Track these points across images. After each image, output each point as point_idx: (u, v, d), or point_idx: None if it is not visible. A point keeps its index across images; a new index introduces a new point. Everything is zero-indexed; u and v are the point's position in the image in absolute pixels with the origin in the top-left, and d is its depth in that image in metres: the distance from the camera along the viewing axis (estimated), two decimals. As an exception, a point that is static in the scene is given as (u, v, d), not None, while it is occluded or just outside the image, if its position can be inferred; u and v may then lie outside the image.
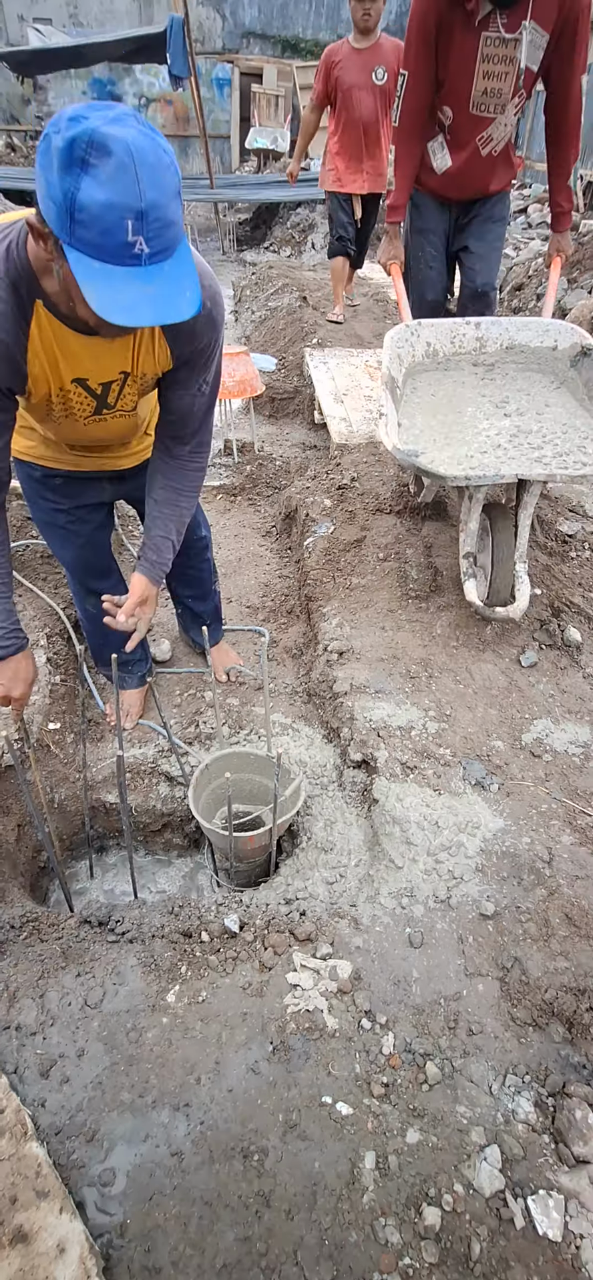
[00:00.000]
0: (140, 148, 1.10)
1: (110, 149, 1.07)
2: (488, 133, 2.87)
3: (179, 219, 1.19)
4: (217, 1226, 1.23)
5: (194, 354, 1.60)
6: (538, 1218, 1.31)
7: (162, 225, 1.14)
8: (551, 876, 1.88)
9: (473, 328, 2.90)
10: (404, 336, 2.83)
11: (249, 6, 15.76)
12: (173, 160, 1.17)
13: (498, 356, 2.92)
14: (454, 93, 2.81)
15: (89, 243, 1.12)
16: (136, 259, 1.14)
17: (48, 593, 2.77)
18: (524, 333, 2.91)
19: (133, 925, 1.71)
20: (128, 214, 1.10)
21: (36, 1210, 1.13)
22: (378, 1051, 1.52)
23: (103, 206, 1.09)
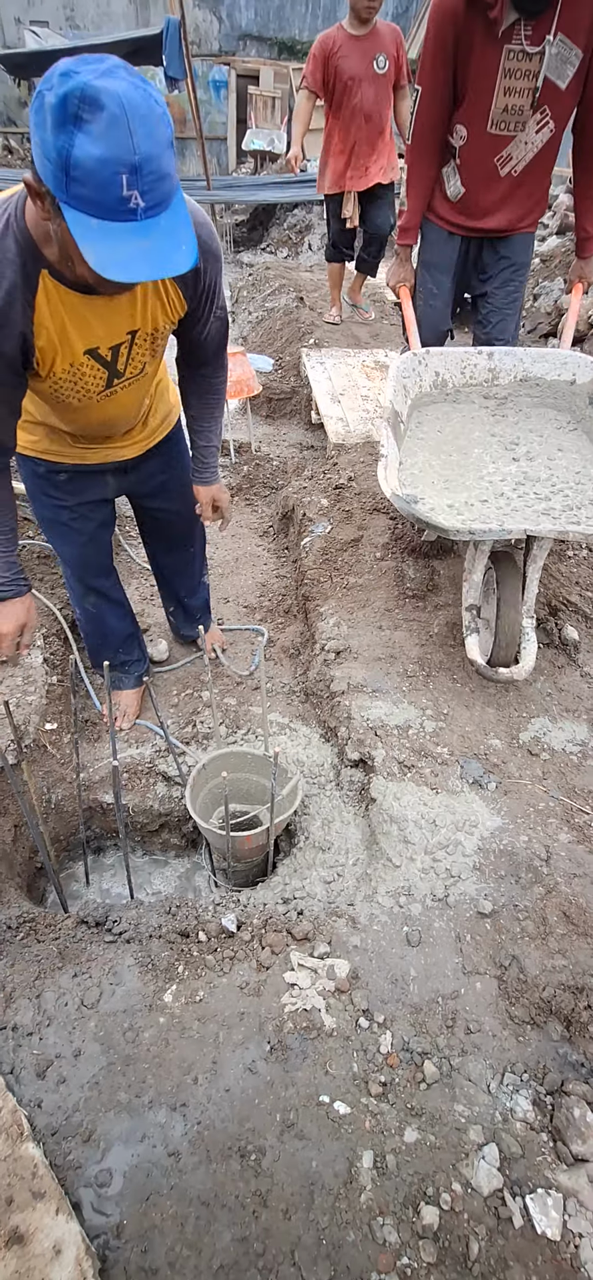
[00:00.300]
0: (132, 100, 1.10)
1: (103, 103, 1.07)
2: (507, 151, 2.61)
3: (173, 171, 1.19)
4: (214, 1227, 1.22)
5: (205, 290, 1.67)
6: (537, 1216, 1.31)
7: (156, 178, 1.14)
8: (548, 875, 1.88)
9: (485, 358, 2.71)
10: (411, 366, 2.65)
11: (245, 9, 15.76)
12: (165, 110, 1.16)
13: (511, 389, 2.72)
14: (472, 110, 2.57)
15: (85, 199, 1.12)
16: (132, 214, 1.14)
17: (44, 593, 2.76)
18: (541, 364, 2.70)
19: (130, 925, 1.71)
20: (122, 168, 1.10)
21: (33, 1211, 1.12)
22: (376, 1050, 1.51)
23: (98, 162, 1.09)
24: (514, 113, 2.52)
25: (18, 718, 2.20)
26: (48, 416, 1.84)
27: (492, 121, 2.55)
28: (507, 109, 2.52)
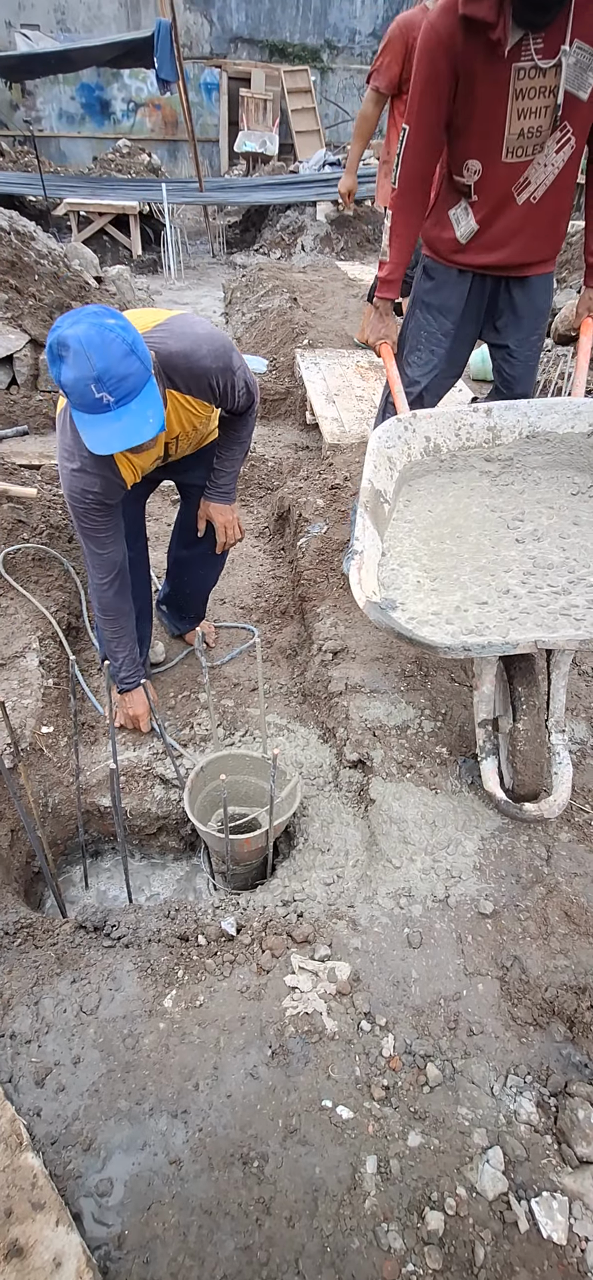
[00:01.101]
0: (89, 337, 1.55)
1: (68, 345, 1.56)
2: (525, 176, 2.31)
3: (134, 371, 1.60)
4: (216, 1235, 1.20)
5: (222, 391, 2.03)
6: (542, 1220, 1.29)
7: (116, 380, 1.58)
8: (549, 874, 1.87)
9: (483, 415, 2.31)
10: (396, 434, 2.26)
11: (236, 11, 15.75)
12: (119, 334, 1.58)
13: (516, 449, 2.31)
14: (482, 142, 2.28)
15: (77, 404, 1.64)
16: (107, 407, 1.61)
17: (39, 596, 2.74)
18: (549, 417, 2.27)
19: (128, 930, 1.69)
20: (89, 380, 1.57)
21: (32, 1223, 1.10)
22: (378, 1054, 1.50)
23: (73, 381, 1.59)
24: (532, 135, 2.23)
25: (14, 721, 2.18)
26: None
27: (507, 150, 2.27)
28: (523, 133, 2.23)
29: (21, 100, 15.51)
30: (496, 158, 2.29)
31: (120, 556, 2.13)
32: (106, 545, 2.08)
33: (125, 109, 16.07)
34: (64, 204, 9.58)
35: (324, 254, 9.52)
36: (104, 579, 2.13)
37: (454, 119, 2.28)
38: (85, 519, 2.01)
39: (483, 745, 2.00)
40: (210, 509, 2.37)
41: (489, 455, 2.34)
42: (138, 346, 1.63)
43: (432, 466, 2.34)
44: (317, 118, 13.94)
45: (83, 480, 1.93)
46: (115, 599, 2.17)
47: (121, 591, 2.17)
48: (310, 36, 15.73)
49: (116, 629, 2.22)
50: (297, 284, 6.96)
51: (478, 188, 2.37)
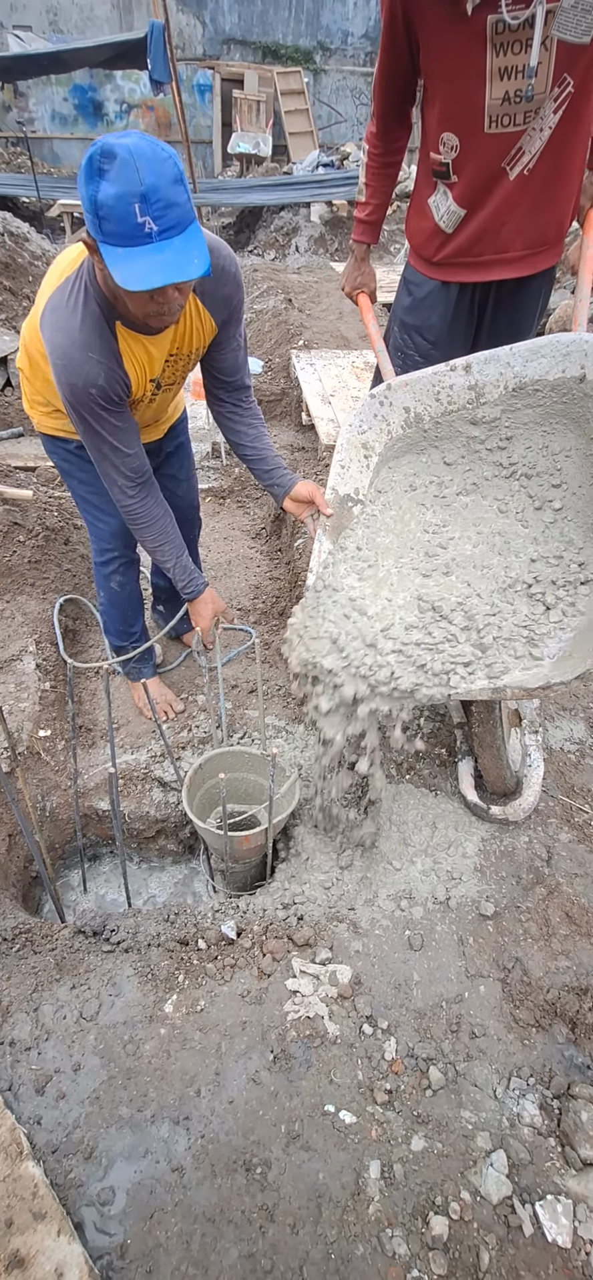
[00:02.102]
0: (139, 148, 1.37)
1: (115, 153, 1.35)
2: (518, 147, 1.92)
3: (182, 201, 1.42)
4: (220, 1243, 1.19)
5: (230, 313, 1.89)
6: (547, 1224, 1.29)
7: (164, 205, 1.39)
8: (550, 875, 1.86)
9: (462, 373, 1.93)
10: (371, 413, 1.98)
11: (229, 13, 15.74)
12: (171, 155, 1.41)
13: (503, 404, 1.94)
14: (457, 110, 1.93)
15: (111, 233, 1.40)
16: (148, 237, 1.40)
17: (36, 597, 2.73)
18: (536, 363, 1.87)
19: (128, 934, 1.67)
20: (134, 198, 1.36)
21: (33, 1233, 1.09)
22: (380, 1057, 1.49)
23: (115, 198, 1.37)
24: (519, 100, 1.85)
25: (11, 724, 2.16)
26: None
27: (489, 119, 1.89)
28: (507, 98, 1.85)
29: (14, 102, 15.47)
30: (477, 128, 1.92)
31: (140, 460, 1.90)
32: (123, 446, 1.84)
33: (118, 110, 16.04)
34: (58, 205, 9.56)
35: (318, 255, 9.53)
36: (130, 486, 1.91)
37: (426, 83, 1.97)
38: (93, 418, 1.77)
39: (460, 746, 2.07)
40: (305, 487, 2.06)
41: (474, 417, 1.98)
42: (185, 181, 1.45)
43: (416, 439, 2.03)
44: (310, 119, 13.95)
45: (85, 371, 1.68)
46: (147, 504, 1.95)
47: (152, 494, 1.96)
48: (303, 38, 15.73)
49: (157, 536, 2.01)
50: (291, 285, 6.96)
51: (458, 166, 2.01)
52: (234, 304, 1.89)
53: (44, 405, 2.07)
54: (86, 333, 1.65)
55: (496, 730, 1.86)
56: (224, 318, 1.89)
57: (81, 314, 1.65)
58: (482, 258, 2.14)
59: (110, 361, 1.71)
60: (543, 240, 2.11)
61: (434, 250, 2.20)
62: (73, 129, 15.92)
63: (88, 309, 1.65)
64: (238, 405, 2.10)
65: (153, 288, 1.43)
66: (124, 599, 2.40)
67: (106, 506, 2.17)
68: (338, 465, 1.96)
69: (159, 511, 1.99)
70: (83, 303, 1.65)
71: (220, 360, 2.00)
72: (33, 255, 6.34)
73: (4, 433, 4.28)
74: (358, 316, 6.19)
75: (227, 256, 1.81)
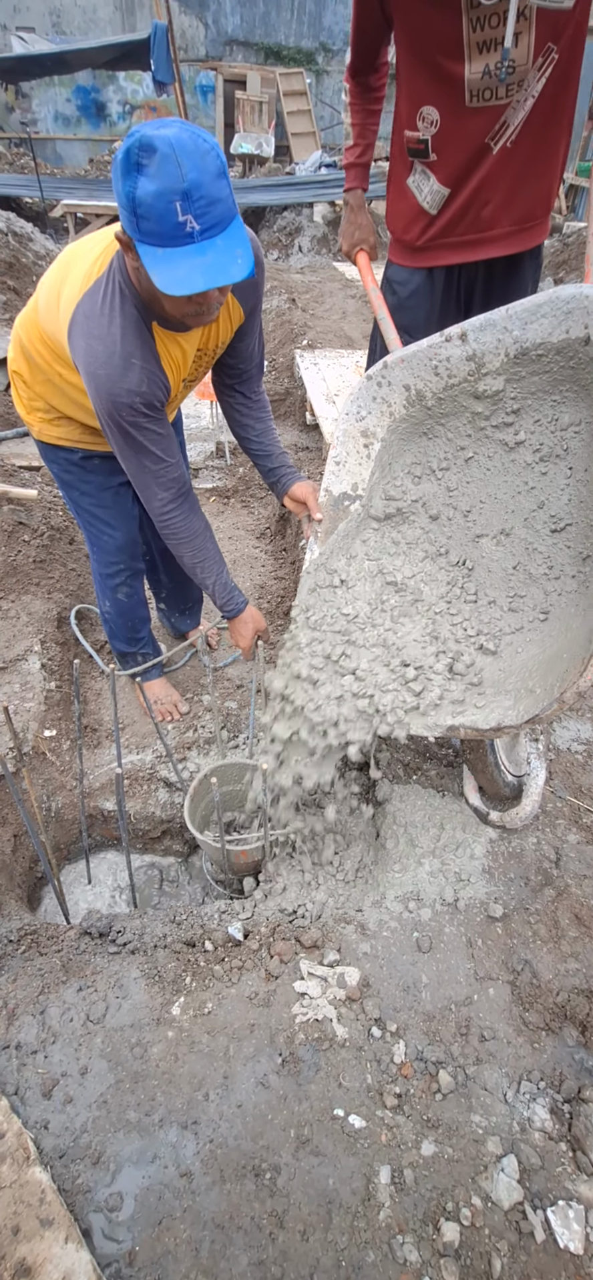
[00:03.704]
0: (181, 140, 1.28)
1: (155, 147, 1.27)
2: (504, 119, 1.83)
3: (225, 197, 1.35)
4: (229, 1250, 1.18)
5: (257, 300, 1.85)
6: (558, 1230, 1.27)
7: (207, 203, 1.31)
8: (559, 876, 1.85)
9: (458, 344, 1.73)
10: (369, 395, 1.83)
11: (231, 14, 15.77)
12: (214, 147, 1.33)
13: (507, 372, 1.72)
14: (438, 86, 1.83)
15: (151, 232, 1.32)
16: (190, 237, 1.33)
17: (41, 597, 2.72)
18: (536, 325, 1.64)
19: (134, 935, 1.66)
20: (175, 196, 1.28)
21: (41, 1240, 1.07)
22: (389, 1061, 1.48)
23: (154, 195, 1.29)
24: (500, 73, 1.77)
25: (16, 724, 2.15)
26: (77, 413, 1.93)
27: (470, 94, 1.80)
28: (489, 72, 1.76)
29: (17, 103, 15.50)
30: (457, 102, 1.82)
31: (181, 470, 1.83)
32: (165, 455, 1.76)
33: (121, 111, 16.07)
34: (61, 205, 9.56)
35: (321, 255, 9.52)
36: (171, 500, 1.82)
37: (401, 56, 1.89)
38: (136, 430, 1.68)
39: (462, 749, 2.01)
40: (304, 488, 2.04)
41: (477, 390, 1.76)
42: (227, 173, 1.37)
43: (420, 418, 1.85)
44: (312, 120, 13.96)
45: (129, 379, 1.59)
46: (189, 520, 1.87)
47: (192, 508, 1.88)
48: (305, 39, 15.74)
49: (198, 552, 1.91)
50: (295, 285, 6.95)
51: (438, 143, 1.91)
52: (260, 289, 1.84)
53: (45, 411, 1.97)
54: (128, 341, 1.58)
55: (486, 756, 1.83)
56: (251, 304, 1.84)
57: (120, 320, 1.57)
58: (466, 237, 2.05)
59: (152, 366, 1.64)
60: (530, 215, 2.03)
61: (418, 234, 2.10)
62: (75, 130, 15.95)
63: (126, 314, 1.57)
64: (247, 396, 2.05)
65: (194, 292, 1.36)
66: (130, 608, 2.36)
67: (113, 520, 2.11)
68: (332, 461, 1.83)
69: (199, 525, 1.90)
70: (120, 307, 1.57)
71: (240, 349, 1.93)
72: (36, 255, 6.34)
73: (8, 432, 4.27)
74: (362, 316, 6.18)
75: (253, 240, 1.72)
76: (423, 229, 2.09)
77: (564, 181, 10.75)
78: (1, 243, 6.13)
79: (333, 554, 1.84)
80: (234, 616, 2.02)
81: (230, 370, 1.99)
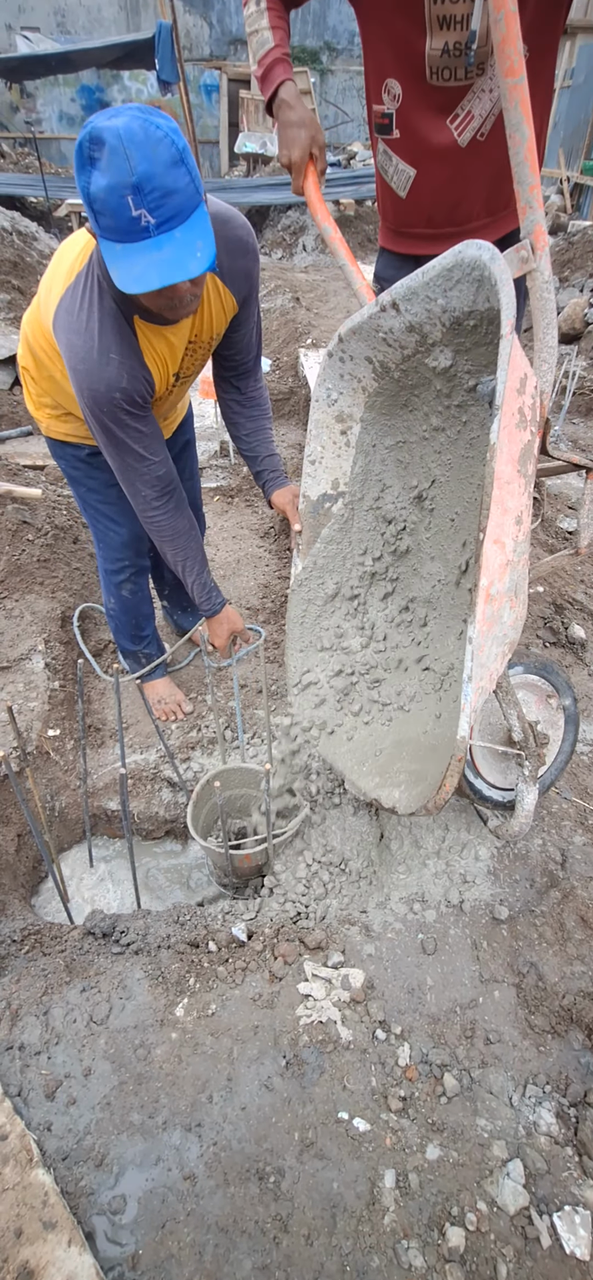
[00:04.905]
0: (130, 130, 1.22)
1: (104, 139, 1.22)
2: (465, 106, 1.73)
3: (182, 186, 1.28)
4: (233, 1255, 1.17)
5: (250, 288, 1.78)
6: (564, 1235, 1.26)
7: (161, 194, 1.26)
8: (564, 878, 1.84)
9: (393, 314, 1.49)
10: (337, 373, 1.64)
11: (236, 14, 15.76)
12: (168, 134, 1.26)
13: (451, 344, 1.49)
14: (399, 57, 1.73)
15: (108, 228, 1.29)
16: (145, 232, 1.28)
17: (45, 596, 2.71)
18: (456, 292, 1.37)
19: (138, 936, 1.65)
20: (125, 190, 1.24)
21: (43, 1243, 1.07)
22: (394, 1063, 1.47)
23: (106, 191, 1.24)
24: (461, 53, 1.67)
25: (20, 724, 2.15)
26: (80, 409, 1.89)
27: (430, 69, 1.70)
28: (448, 50, 1.66)
29: (22, 102, 15.52)
30: (418, 75, 1.72)
31: (167, 468, 1.80)
32: (149, 453, 1.73)
33: (125, 111, 16.07)
34: (65, 205, 9.57)
35: (325, 254, 9.50)
36: (157, 498, 1.80)
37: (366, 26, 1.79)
38: (117, 426, 1.65)
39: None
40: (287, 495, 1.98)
41: (429, 364, 1.56)
42: (188, 159, 1.29)
43: (393, 392, 1.66)
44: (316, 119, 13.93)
45: (107, 374, 1.56)
46: (171, 518, 1.85)
47: (177, 506, 1.85)
48: (309, 39, 15.73)
49: (181, 550, 1.91)
50: (299, 284, 6.94)
51: (400, 119, 1.81)
52: (253, 278, 1.77)
53: (52, 408, 1.97)
54: (106, 334, 1.54)
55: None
56: (244, 294, 1.78)
57: (98, 315, 1.54)
58: (441, 229, 1.96)
59: (132, 361, 1.59)
60: (506, 205, 1.93)
61: (395, 219, 2.03)
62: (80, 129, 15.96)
63: (104, 308, 1.54)
64: (241, 391, 2.02)
65: (150, 290, 1.31)
66: (135, 605, 2.36)
67: (118, 516, 2.11)
68: (308, 462, 1.70)
69: (185, 524, 1.90)
70: (98, 302, 1.54)
71: (235, 340, 1.88)
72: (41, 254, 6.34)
73: (13, 431, 4.27)
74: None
75: (242, 226, 1.69)
76: (397, 214, 2.01)
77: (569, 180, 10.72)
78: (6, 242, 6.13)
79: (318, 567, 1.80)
80: (212, 616, 2.04)
81: (225, 363, 1.96)
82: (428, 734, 1.65)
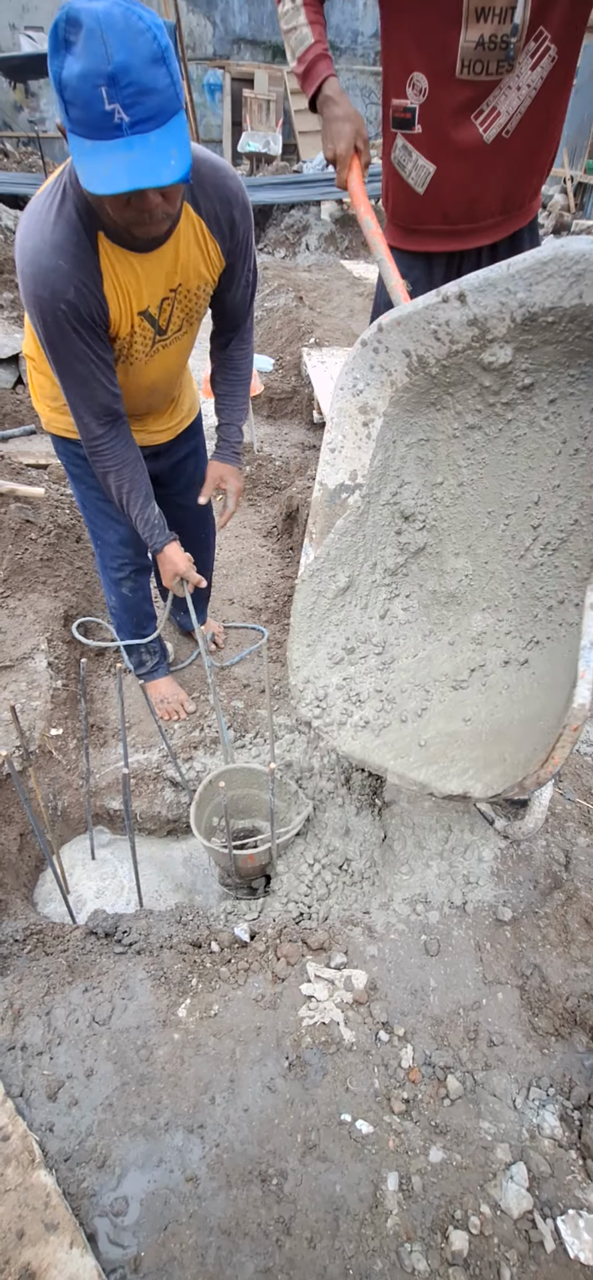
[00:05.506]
0: (110, 16, 1.14)
1: (81, 21, 1.14)
2: (491, 103, 1.73)
3: (162, 87, 1.19)
4: (235, 1257, 1.16)
5: (240, 243, 1.70)
6: (568, 1239, 1.25)
7: (136, 91, 1.17)
8: (568, 880, 1.83)
9: (457, 305, 1.48)
10: (365, 364, 1.62)
11: (239, 13, 15.74)
12: (151, 27, 1.18)
13: (515, 342, 1.48)
14: (428, 51, 1.71)
15: (78, 121, 1.19)
16: (118, 129, 1.18)
17: (48, 595, 2.71)
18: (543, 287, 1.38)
19: (140, 936, 1.65)
20: (100, 80, 1.15)
21: (45, 1245, 1.06)
22: (397, 1065, 1.46)
23: (79, 78, 1.15)
24: (495, 47, 1.65)
25: (22, 723, 2.14)
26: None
27: (462, 63, 1.68)
28: (483, 43, 1.65)
29: (25, 102, 15.51)
30: (448, 71, 1.71)
31: (111, 398, 1.69)
32: (94, 376, 1.62)
33: (129, 110, 16.06)
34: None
35: (329, 253, 9.49)
36: (98, 424, 1.71)
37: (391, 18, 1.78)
38: (62, 339, 1.52)
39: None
40: (225, 471, 2.01)
41: (483, 361, 1.53)
42: (170, 60, 1.21)
43: (424, 388, 1.63)
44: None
45: (52, 281, 1.44)
46: (116, 445, 1.76)
47: (122, 433, 1.77)
48: (314, 37, 15.71)
49: (125, 481, 1.82)
50: (302, 283, 6.93)
51: (424, 114, 1.79)
52: (242, 232, 1.69)
53: (52, 400, 1.95)
54: (59, 236, 1.43)
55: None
56: (231, 247, 1.69)
57: (54, 218, 1.43)
58: (458, 226, 1.97)
59: (84, 276, 1.47)
60: (520, 203, 1.95)
61: (409, 214, 2.00)
62: (83, 128, 15.94)
63: (63, 214, 1.44)
64: (224, 350, 1.97)
65: (118, 192, 1.22)
66: (136, 604, 2.35)
67: (119, 515, 2.06)
68: (327, 449, 1.65)
69: (130, 455, 1.80)
70: (58, 206, 1.44)
71: (225, 301, 1.82)
72: (44, 254, 6.33)
73: (16, 430, 4.27)
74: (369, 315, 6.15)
75: (234, 178, 1.63)
76: (411, 210, 1.98)
77: (573, 179, 10.69)
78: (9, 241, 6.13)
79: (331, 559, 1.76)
80: (160, 550, 1.96)
81: (212, 320, 1.93)
82: (471, 722, 1.64)
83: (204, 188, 1.57)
